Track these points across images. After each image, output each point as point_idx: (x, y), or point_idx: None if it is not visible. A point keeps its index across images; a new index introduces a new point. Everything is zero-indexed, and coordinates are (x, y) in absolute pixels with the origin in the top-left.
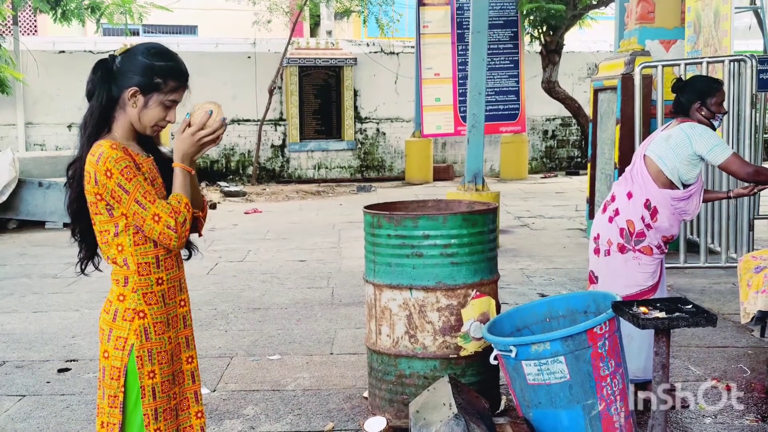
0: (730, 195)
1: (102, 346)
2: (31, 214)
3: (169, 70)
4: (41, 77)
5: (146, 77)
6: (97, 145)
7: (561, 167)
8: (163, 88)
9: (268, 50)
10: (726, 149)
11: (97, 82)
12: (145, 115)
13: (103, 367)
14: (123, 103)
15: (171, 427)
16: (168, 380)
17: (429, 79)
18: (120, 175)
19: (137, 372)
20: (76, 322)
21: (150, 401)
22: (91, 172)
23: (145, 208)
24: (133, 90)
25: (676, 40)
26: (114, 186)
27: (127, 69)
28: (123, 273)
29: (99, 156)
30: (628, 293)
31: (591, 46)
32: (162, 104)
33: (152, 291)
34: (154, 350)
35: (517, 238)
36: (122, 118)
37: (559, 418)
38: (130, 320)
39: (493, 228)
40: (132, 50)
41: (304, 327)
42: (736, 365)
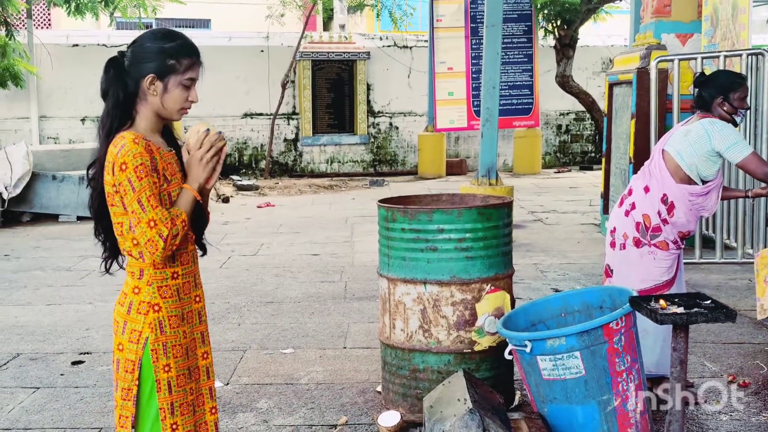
0: (748, 194)
1: (116, 338)
2: (44, 207)
3: (180, 48)
4: (55, 71)
5: (159, 61)
6: (120, 137)
7: (575, 162)
8: (179, 68)
9: (281, 44)
10: (745, 148)
11: (110, 80)
12: (167, 99)
13: (117, 360)
14: (143, 93)
15: (188, 422)
16: (184, 374)
17: (442, 73)
18: (133, 171)
19: (152, 365)
20: (90, 314)
21: (166, 395)
22: (111, 162)
23: (144, 210)
24: (150, 77)
25: (693, 34)
26: (124, 179)
27: (139, 59)
28: (138, 265)
29: (120, 148)
30: (643, 287)
31: (606, 40)
32: (181, 85)
33: (167, 284)
34: (168, 344)
35: (530, 232)
36: (145, 109)
37: (574, 413)
38: (145, 313)
39: (508, 222)
40: (138, 40)
41: (317, 321)
42: (753, 362)
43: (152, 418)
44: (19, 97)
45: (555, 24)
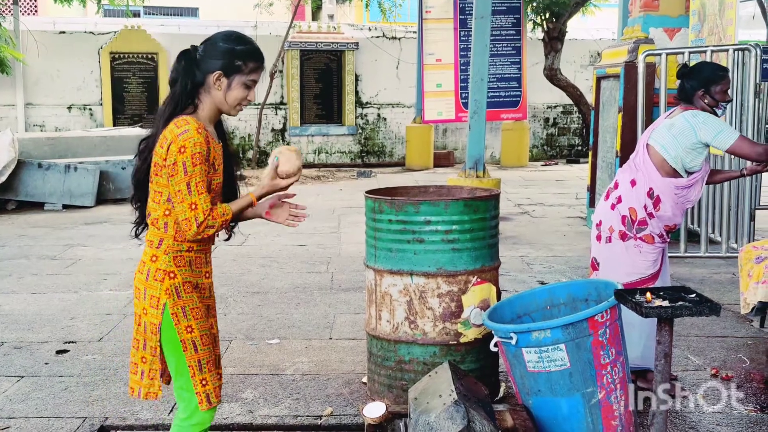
0: (743, 172)
1: (140, 303)
2: (30, 195)
3: (248, 52)
4: (41, 58)
5: (228, 61)
6: (184, 121)
7: (562, 155)
8: (244, 69)
9: (270, 33)
10: (732, 133)
11: (181, 70)
12: (229, 95)
13: (144, 323)
14: (208, 87)
15: (215, 378)
16: (206, 335)
17: (431, 64)
18: (190, 156)
19: (174, 328)
20: (75, 303)
21: (192, 354)
22: (169, 139)
23: (190, 193)
24: (217, 74)
25: (680, 29)
26: (179, 161)
27: (210, 56)
28: (159, 235)
29: (184, 131)
30: (628, 281)
31: (594, 33)
32: (244, 84)
33: (181, 255)
34: (187, 307)
35: (517, 225)
36: (207, 101)
37: (558, 405)
38: (161, 280)
39: (494, 215)
40: (212, 38)
41: (303, 311)
42: (736, 355)
43: (184, 376)
44: (4, 84)
45: (543, 17)
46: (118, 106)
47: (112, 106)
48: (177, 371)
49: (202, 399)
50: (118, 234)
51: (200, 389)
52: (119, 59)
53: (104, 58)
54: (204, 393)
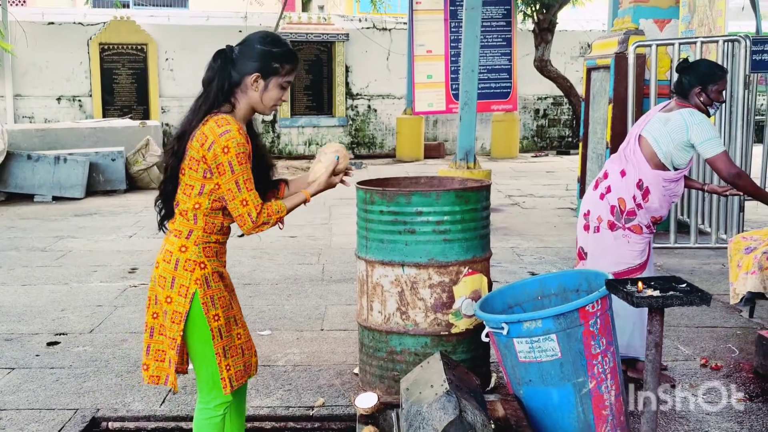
0: (704, 188)
1: (165, 292)
2: (19, 187)
3: (285, 54)
4: (30, 49)
5: (265, 63)
6: (225, 120)
7: (552, 146)
8: (281, 71)
9: (260, 24)
10: (718, 145)
11: (217, 69)
12: (266, 96)
13: (165, 311)
14: (245, 87)
15: (238, 362)
16: (230, 322)
17: (421, 56)
18: (235, 155)
19: (204, 317)
20: (65, 295)
21: (219, 341)
22: (210, 139)
23: (240, 191)
24: (255, 76)
25: (671, 20)
26: (225, 161)
27: (247, 57)
28: (188, 226)
29: (226, 132)
30: (616, 270)
31: (584, 24)
32: (280, 86)
33: (210, 246)
34: (215, 296)
35: (507, 216)
36: (243, 100)
37: (549, 395)
38: (191, 270)
39: (486, 205)
40: (248, 40)
41: (294, 303)
42: (725, 345)
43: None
44: None
45: (534, 8)
46: (108, 98)
47: (101, 98)
48: (203, 358)
49: (226, 384)
50: (108, 225)
51: (225, 374)
52: (108, 50)
53: (93, 49)
54: (228, 378)
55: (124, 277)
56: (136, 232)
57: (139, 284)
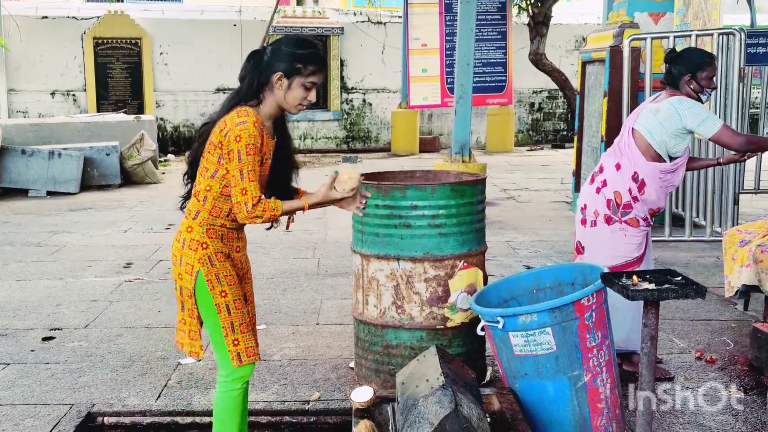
0: (720, 161)
1: (176, 269)
2: (13, 182)
3: (309, 56)
4: (24, 43)
5: (289, 63)
6: (245, 112)
7: (547, 140)
8: (304, 71)
9: (254, 18)
10: (716, 121)
11: (250, 69)
12: (289, 95)
13: (180, 287)
14: (271, 85)
15: (249, 339)
16: (239, 299)
17: (416, 49)
18: (244, 146)
19: (209, 293)
20: (60, 290)
21: (225, 316)
22: (228, 126)
23: (242, 179)
24: (278, 74)
25: (666, 13)
26: (235, 149)
27: (274, 57)
28: (197, 207)
29: (242, 123)
30: (613, 264)
31: (579, 18)
32: (303, 86)
33: (214, 228)
34: (220, 274)
35: (502, 210)
36: (270, 98)
37: (545, 389)
38: (195, 249)
39: (481, 199)
40: (278, 41)
41: (290, 297)
42: (720, 338)
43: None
44: None
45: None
46: (102, 92)
47: (95, 92)
48: (213, 332)
49: (234, 357)
50: (102, 220)
51: (232, 348)
52: (103, 44)
53: (87, 43)
54: (235, 351)
55: (119, 272)
56: (131, 226)
57: (134, 279)
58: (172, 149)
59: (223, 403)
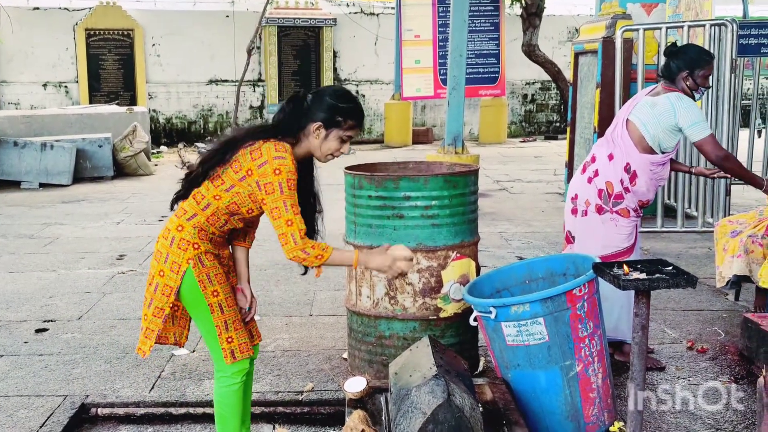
0: (692, 170)
1: (158, 265)
2: (6, 173)
3: (350, 110)
4: (15, 34)
5: (330, 115)
6: (283, 148)
7: (540, 131)
8: (343, 125)
9: (247, 9)
10: (705, 128)
11: (288, 113)
12: (324, 145)
13: (156, 283)
14: (308, 132)
15: (242, 335)
16: (230, 297)
17: (409, 40)
18: (285, 180)
19: (202, 294)
20: (53, 282)
21: (219, 315)
22: (264, 158)
23: (287, 211)
24: (318, 124)
25: (658, 4)
26: (275, 181)
27: (316, 107)
28: (194, 209)
29: (281, 158)
30: (604, 254)
31: (571, 9)
32: (339, 138)
33: (205, 232)
34: (211, 273)
35: (495, 201)
36: (305, 143)
37: (537, 379)
38: (184, 249)
39: (474, 190)
40: (320, 91)
41: (283, 288)
42: (711, 328)
43: (211, 334)
44: None
45: None
46: (94, 84)
47: (88, 84)
48: (206, 331)
49: (227, 354)
50: (95, 212)
51: (225, 346)
52: (95, 36)
53: (79, 34)
54: (229, 349)
55: (112, 264)
56: (123, 218)
57: (127, 271)
58: (164, 141)
59: (221, 398)
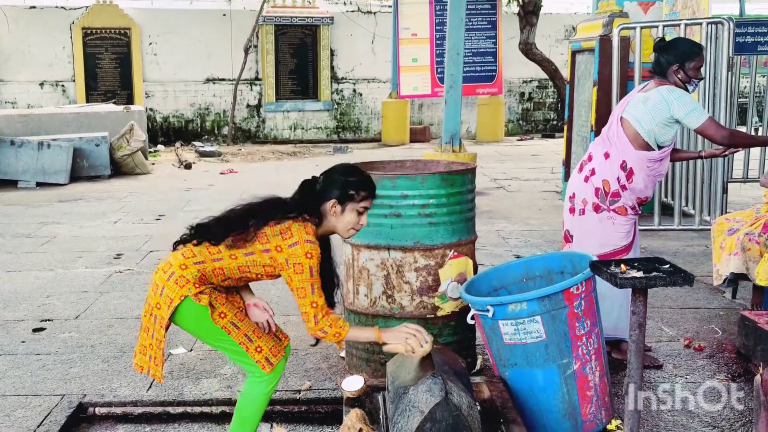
0: (702, 155)
1: (155, 298)
2: (2, 173)
3: (360, 183)
4: (12, 33)
5: (343, 191)
6: (312, 231)
7: (537, 130)
8: (356, 197)
9: (244, 8)
10: (702, 113)
11: (302, 196)
12: (342, 220)
13: (154, 316)
14: (325, 212)
15: (267, 340)
16: (239, 312)
17: (406, 39)
18: (316, 263)
19: (210, 320)
20: (51, 281)
21: (237, 332)
22: (295, 238)
23: (313, 293)
24: (332, 202)
25: (655, 2)
26: (306, 264)
27: (328, 186)
28: (205, 257)
29: (311, 242)
30: (602, 252)
31: (568, 7)
32: (356, 211)
33: (206, 278)
34: (211, 297)
35: (492, 200)
36: (325, 223)
37: (534, 377)
38: (182, 286)
39: (471, 188)
40: (329, 171)
41: (281, 287)
42: (708, 326)
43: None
44: None
45: None
46: (91, 83)
47: (84, 83)
48: (233, 352)
49: (264, 365)
50: (92, 211)
51: (258, 357)
52: (91, 35)
53: (76, 33)
54: (263, 358)
55: (110, 263)
56: (120, 217)
57: (124, 270)
58: (161, 140)
59: (250, 399)
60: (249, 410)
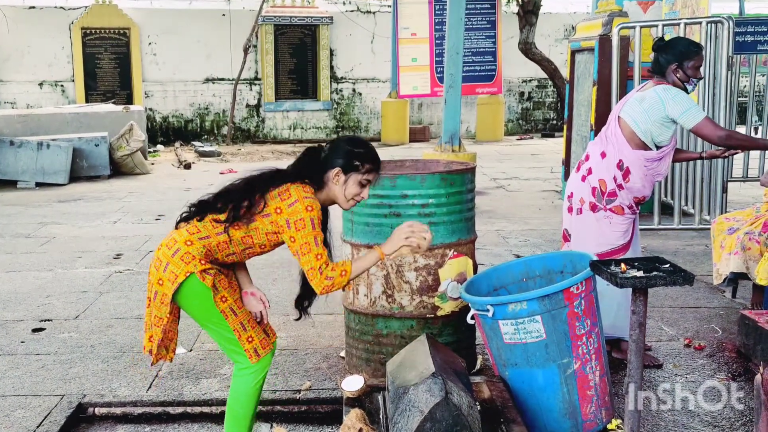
0: (702, 156)
1: (158, 274)
2: (2, 173)
3: (367, 155)
4: (11, 33)
5: (347, 160)
6: (311, 191)
7: (537, 129)
8: (361, 168)
9: (243, 8)
10: (698, 113)
11: (306, 162)
12: (345, 190)
13: (156, 292)
14: (328, 179)
15: (259, 332)
16: (238, 298)
17: (406, 38)
18: (316, 216)
19: (212, 302)
20: (50, 281)
21: (233, 318)
22: (294, 197)
23: (317, 245)
24: (336, 170)
25: (654, 1)
26: (307, 218)
27: (333, 154)
28: (209, 232)
29: (310, 197)
30: (599, 251)
31: (568, 7)
32: (359, 182)
33: (211, 253)
34: (215, 280)
35: (492, 199)
36: (326, 191)
37: (534, 376)
38: (187, 262)
39: (471, 188)
40: (336, 140)
41: (280, 287)
42: (708, 325)
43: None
44: None
45: None
46: (91, 83)
47: (84, 83)
48: (224, 338)
49: (251, 354)
50: (92, 211)
51: (248, 346)
52: (91, 35)
53: (75, 33)
54: (252, 348)
55: (109, 263)
56: (120, 217)
57: (124, 270)
58: (161, 140)
59: (240, 395)
60: (239, 407)
